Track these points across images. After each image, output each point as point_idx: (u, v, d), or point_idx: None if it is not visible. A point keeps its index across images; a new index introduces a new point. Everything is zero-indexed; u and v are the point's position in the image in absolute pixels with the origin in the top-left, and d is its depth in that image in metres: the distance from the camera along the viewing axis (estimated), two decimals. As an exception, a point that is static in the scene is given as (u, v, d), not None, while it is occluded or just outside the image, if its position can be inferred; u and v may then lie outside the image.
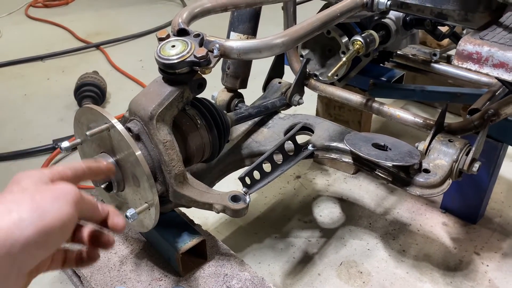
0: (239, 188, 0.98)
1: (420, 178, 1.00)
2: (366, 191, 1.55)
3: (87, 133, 0.82)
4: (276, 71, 1.37)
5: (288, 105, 1.32)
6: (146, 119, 0.88)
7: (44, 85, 2.39)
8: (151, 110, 0.88)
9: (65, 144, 0.87)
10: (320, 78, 1.36)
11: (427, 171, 1.01)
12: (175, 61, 0.85)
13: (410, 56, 1.53)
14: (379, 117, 1.45)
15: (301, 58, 1.40)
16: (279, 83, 1.36)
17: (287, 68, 1.41)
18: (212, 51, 0.88)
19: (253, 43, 0.88)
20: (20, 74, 2.51)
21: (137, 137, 0.90)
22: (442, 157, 1.02)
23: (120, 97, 2.23)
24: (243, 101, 1.32)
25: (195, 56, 0.85)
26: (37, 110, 2.14)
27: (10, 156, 1.74)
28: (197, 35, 0.90)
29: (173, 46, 0.87)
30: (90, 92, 2.03)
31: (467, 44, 0.77)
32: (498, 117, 1.01)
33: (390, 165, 1.02)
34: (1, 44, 2.96)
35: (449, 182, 1.01)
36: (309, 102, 1.48)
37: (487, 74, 0.77)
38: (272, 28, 1.45)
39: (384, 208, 1.47)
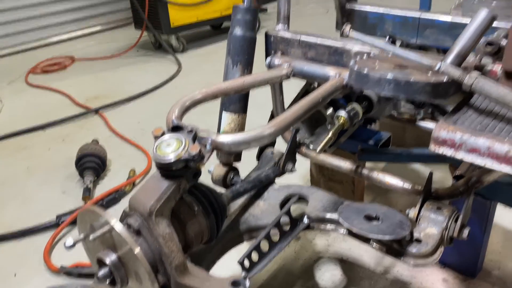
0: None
1: (413, 249, 1.03)
2: (365, 249, 1.57)
3: (90, 237, 0.86)
4: (268, 142, 1.43)
5: (282, 173, 1.37)
6: (145, 214, 0.93)
7: (45, 156, 2.45)
8: (150, 206, 0.92)
9: (69, 242, 0.91)
10: (310, 146, 1.41)
11: (418, 240, 1.04)
12: (171, 160, 0.90)
13: (396, 115, 1.59)
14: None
15: (291, 129, 1.46)
16: (272, 153, 1.42)
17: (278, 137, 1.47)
18: (205, 146, 0.94)
19: (243, 137, 0.94)
20: (22, 146, 2.58)
21: (137, 232, 0.94)
22: (432, 225, 1.06)
23: (120, 164, 2.29)
24: (238, 175, 1.37)
25: (189, 154, 0.90)
26: (39, 183, 2.19)
27: (14, 235, 1.78)
28: (191, 131, 0.96)
29: (168, 144, 0.93)
30: (91, 163, 2.08)
31: (441, 130, 0.83)
32: (481, 184, 1.06)
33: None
34: (3, 115, 3.06)
35: (441, 250, 1.05)
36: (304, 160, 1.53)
37: (462, 159, 0.82)
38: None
39: (384, 267, 1.49)
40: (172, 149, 0.92)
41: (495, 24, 1.17)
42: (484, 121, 0.84)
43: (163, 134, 0.97)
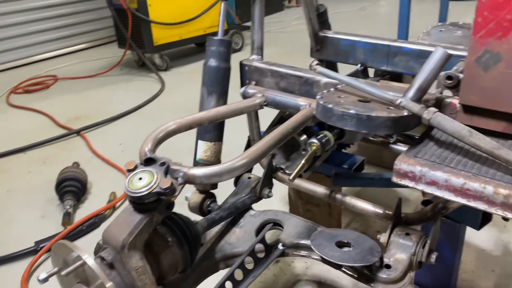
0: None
1: (383, 274, 1.06)
2: (343, 271, 1.59)
3: (62, 273, 0.87)
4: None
5: (258, 199, 1.40)
6: (118, 248, 0.94)
7: (26, 179, 2.44)
8: (122, 239, 0.94)
9: (43, 275, 0.92)
10: (286, 171, 1.44)
11: (388, 266, 1.07)
12: (143, 193, 0.92)
13: (370, 138, 1.63)
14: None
15: (267, 154, 1.49)
16: (249, 178, 1.44)
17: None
18: (177, 179, 0.96)
19: (214, 170, 0.96)
20: (2, 168, 2.57)
21: (110, 266, 0.95)
22: (401, 251, 1.09)
23: (101, 187, 2.29)
24: (215, 201, 1.39)
25: (161, 188, 0.92)
26: (18, 207, 2.17)
27: (-8, 262, 1.76)
28: (163, 164, 0.98)
29: (140, 178, 0.94)
30: (71, 187, 2.08)
31: (402, 163, 0.87)
32: (447, 210, 1.10)
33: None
34: (-17, 137, 3.04)
35: (410, 275, 1.07)
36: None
37: (422, 191, 0.85)
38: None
39: (361, 289, 1.51)
40: (144, 183, 0.93)
41: (459, 53, 1.23)
42: (443, 154, 0.88)
43: (135, 167, 0.99)
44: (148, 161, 1.00)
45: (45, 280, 0.92)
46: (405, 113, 0.90)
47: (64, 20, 5.08)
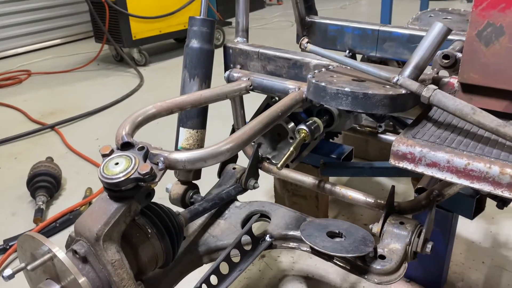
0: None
1: (377, 266, 1.00)
2: (331, 265, 1.53)
3: (29, 267, 0.78)
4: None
5: (244, 190, 1.33)
6: (92, 240, 0.85)
7: (-5, 175, 2.30)
8: (97, 230, 0.85)
9: (8, 272, 0.83)
10: (273, 161, 1.38)
11: (382, 257, 1.02)
12: (120, 179, 0.83)
13: (358, 128, 1.58)
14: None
15: (252, 143, 1.42)
16: (234, 168, 1.37)
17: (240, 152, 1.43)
18: (157, 164, 0.88)
19: (198, 153, 0.89)
20: (-30, 164, 2.42)
21: (84, 259, 0.86)
22: (395, 241, 1.04)
23: (76, 183, 2.18)
24: (198, 192, 1.31)
25: (139, 173, 0.84)
26: (-13, 204, 2.05)
27: (-44, 262, 1.64)
28: (141, 148, 0.90)
29: (117, 163, 0.86)
30: (44, 182, 1.96)
31: (401, 145, 0.81)
32: (442, 197, 1.05)
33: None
34: (-50, 132, 2.87)
35: (405, 266, 1.02)
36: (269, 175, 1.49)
37: (422, 173, 0.80)
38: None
39: (350, 283, 1.46)
40: (121, 168, 0.85)
41: (450, 37, 1.19)
42: (443, 134, 0.83)
43: (111, 152, 0.90)
44: (125, 146, 0.92)
45: (11, 276, 0.83)
46: (403, 91, 0.84)
47: (39, 14, 4.90)
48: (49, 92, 3.55)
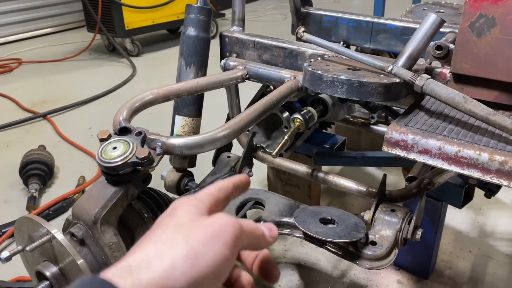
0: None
1: (368, 251, 1.03)
2: (322, 253, 1.57)
3: (27, 248, 0.80)
4: (224, 145, 1.40)
5: (238, 179, 1.34)
6: (89, 223, 0.87)
7: (-14, 163, 2.29)
8: (95, 213, 0.86)
9: (5, 254, 0.84)
10: (267, 150, 1.40)
11: (374, 243, 1.04)
12: (117, 163, 0.85)
13: (351, 119, 1.60)
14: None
15: (247, 132, 1.43)
16: (228, 157, 1.39)
17: (234, 141, 1.45)
18: (154, 149, 0.89)
19: (196, 139, 0.90)
20: (-39, 152, 2.41)
21: (81, 242, 0.87)
22: (386, 228, 1.06)
23: (69, 171, 2.17)
24: (193, 180, 1.32)
25: (137, 157, 0.85)
26: (-21, 192, 2.04)
27: (-51, 249, 1.63)
28: (139, 133, 0.91)
29: (115, 148, 0.87)
30: (36, 170, 1.96)
31: (394, 132, 0.83)
32: (433, 186, 1.08)
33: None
34: None
35: (395, 251, 1.05)
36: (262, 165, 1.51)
37: (414, 160, 0.82)
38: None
39: (341, 271, 1.49)
40: (119, 152, 0.86)
41: (443, 29, 1.21)
42: (435, 123, 0.85)
43: (109, 136, 0.91)
44: (123, 131, 0.93)
45: (8, 259, 0.84)
46: (397, 80, 0.86)
47: (30, 1, 4.83)
48: (40, 81, 3.52)
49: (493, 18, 0.81)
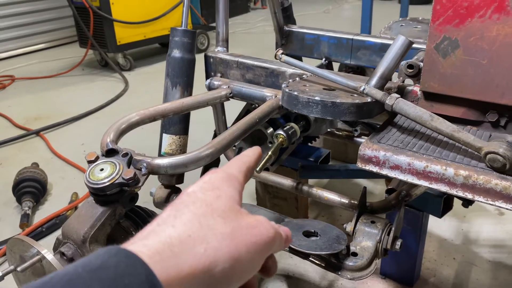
0: None
1: (349, 262, 1.07)
2: (310, 264, 1.59)
3: (18, 268, 0.83)
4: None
5: (225, 193, 1.38)
6: (79, 242, 0.90)
7: (-20, 181, 2.31)
8: (83, 233, 0.90)
9: (-3, 273, 0.87)
10: (253, 165, 1.44)
11: (355, 254, 1.08)
12: (104, 184, 0.88)
13: (335, 132, 1.65)
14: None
15: (234, 147, 1.48)
16: (215, 172, 1.43)
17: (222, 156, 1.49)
18: (140, 169, 0.93)
19: (180, 159, 0.94)
20: (-46, 171, 2.43)
21: (71, 261, 0.91)
22: (366, 239, 1.10)
23: (62, 188, 2.20)
24: (181, 196, 1.36)
25: (123, 178, 0.89)
26: (-28, 210, 2.06)
27: None
28: (125, 154, 0.95)
29: (102, 169, 0.91)
30: (30, 187, 1.99)
31: (366, 149, 0.88)
32: (410, 197, 1.12)
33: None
34: None
35: (376, 262, 1.09)
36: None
37: (386, 175, 0.87)
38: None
39: (328, 281, 1.52)
40: (106, 174, 0.90)
41: (418, 46, 1.26)
42: (406, 139, 0.89)
43: (97, 158, 0.95)
44: (110, 152, 0.97)
45: (1, 279, 0.88)
46: (369, 100, 0.91)
47: (22, 18, 4.88)
48: (33, 98, 3.56)
49: (456, 40, 0.86)
